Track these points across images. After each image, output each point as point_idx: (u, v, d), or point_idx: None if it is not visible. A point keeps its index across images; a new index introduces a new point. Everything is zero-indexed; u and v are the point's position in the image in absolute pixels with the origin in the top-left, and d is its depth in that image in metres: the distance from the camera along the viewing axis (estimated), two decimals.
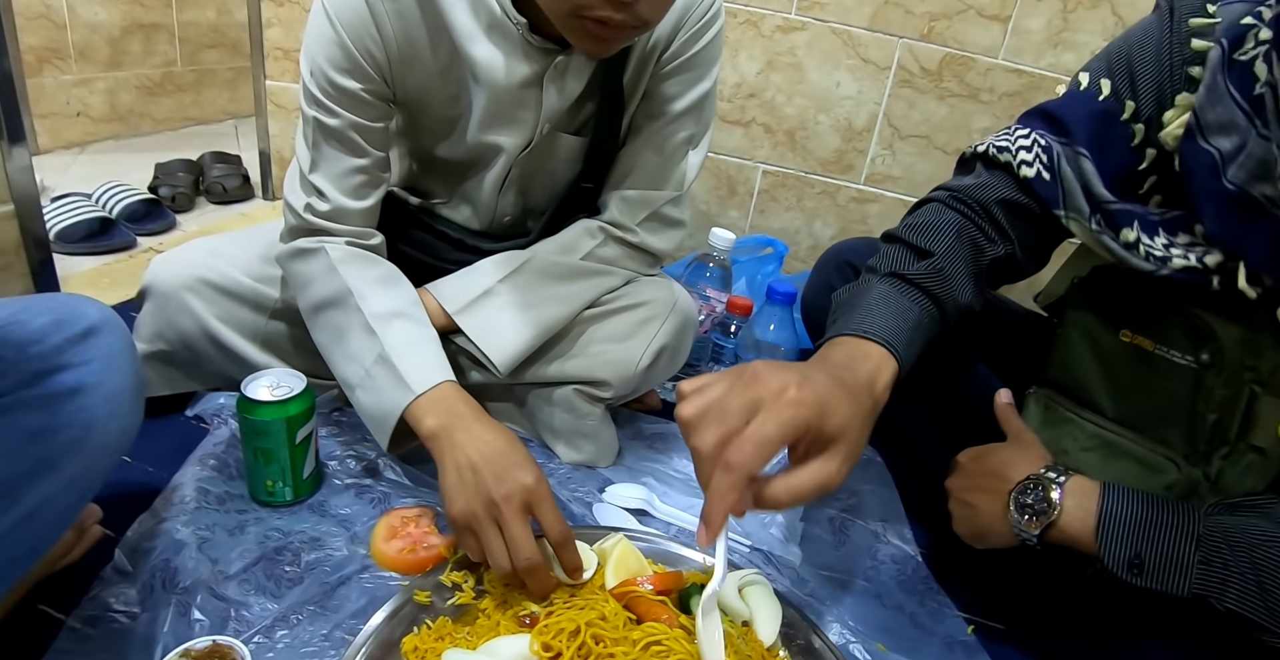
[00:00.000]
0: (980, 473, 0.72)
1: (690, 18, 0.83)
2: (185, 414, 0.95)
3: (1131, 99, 0.70)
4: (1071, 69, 1.43)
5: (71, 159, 2.03)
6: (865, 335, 0.64)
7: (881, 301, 0.68)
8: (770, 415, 0.51)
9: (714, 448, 0.51)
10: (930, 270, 0.71)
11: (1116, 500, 0.63)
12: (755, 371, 0.54)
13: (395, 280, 0.84)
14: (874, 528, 0.94)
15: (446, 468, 0.70)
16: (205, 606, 0.67)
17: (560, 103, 0.83)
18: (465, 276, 0.90)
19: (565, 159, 0.91)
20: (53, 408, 0.53)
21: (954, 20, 1.44)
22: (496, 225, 0.97)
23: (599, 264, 0.92)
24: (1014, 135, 0.75)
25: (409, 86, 0.82)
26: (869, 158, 1.57)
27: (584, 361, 0.91)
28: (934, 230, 0.74)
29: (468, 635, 0.65)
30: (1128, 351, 0.74)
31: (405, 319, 0.80)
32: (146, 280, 0.90)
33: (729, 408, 0.52)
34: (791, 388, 0.52)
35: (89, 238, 1.44)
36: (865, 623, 0.78)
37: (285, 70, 1.69)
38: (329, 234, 0.83)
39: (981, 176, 0.77)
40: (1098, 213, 0.70)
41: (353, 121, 0.80)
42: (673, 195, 0.92)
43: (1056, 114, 0.73)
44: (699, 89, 0.87)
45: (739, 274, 1.38)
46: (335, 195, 0.82)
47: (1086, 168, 0.71)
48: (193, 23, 2.41)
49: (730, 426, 0.51)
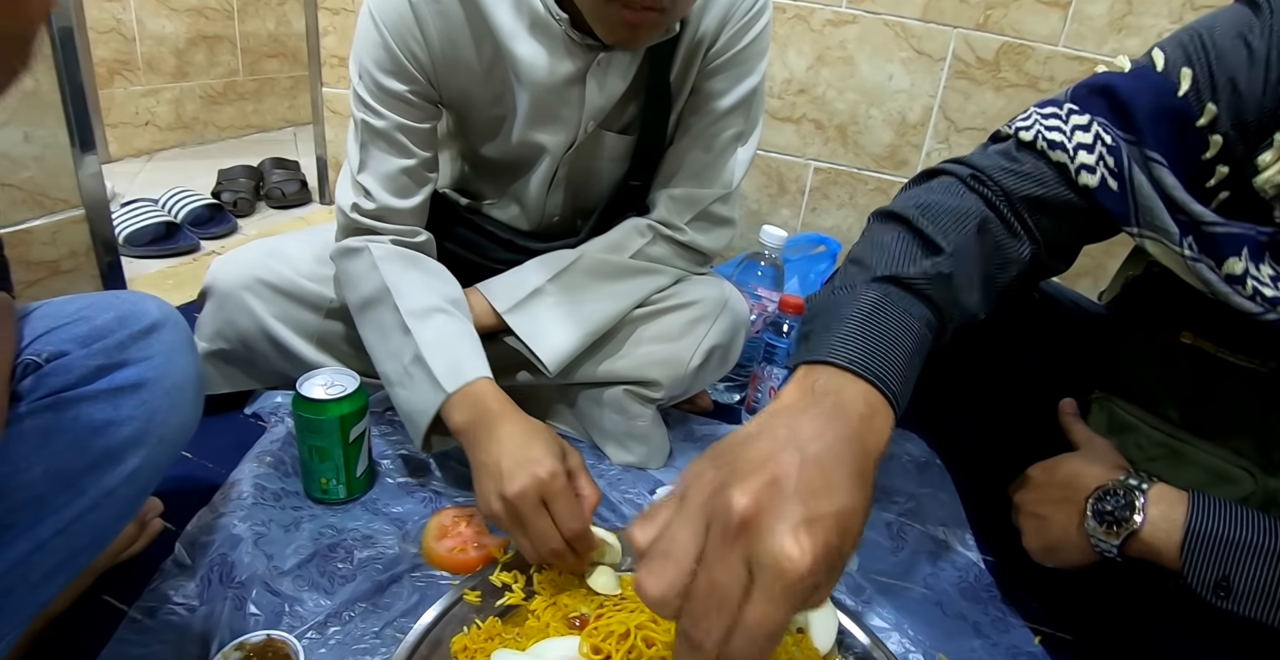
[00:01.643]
0: (1052, 484, 0.67)
1: (736, 12, 0.82)
2: (243, 412, 0.97)
3: (1213, 102, 0.57)
4: (1136, 54, 1.36)
5: (140, 166, 2.10)
6: (860, 373, 0.48)
7: (873, 316, 0.53)
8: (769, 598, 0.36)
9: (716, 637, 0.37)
10: (935, 274, 0.56)
11: (1205, 514, 0.58)
12: (734, 508, 0.38)
13: (435, 277, 0.85)
14: (934, 533, 0.90)
15: (475, 468, 0.71)
16: (260, 601, 0.68)
17: (603, 100, 0.82)
18: (515, 276, 0.90)
19: (612, 158, 0.90)
20: (116, 402, 0.54)
21: (1010, 8, 1.39)
22: (545, 225, 0.97)
23: (648, 263, 0.91)
24: (1069, 123, 0.61)
25: (454, 87, 0.83)
26: (924, 152, 1.53)
27: (634, 361, 0.90)
28: (951, 217, 0.59)
29: (517, 636, 0.64)
30: (1189, 355, 0.69)
31: (441, 314, 0.80)
32: (207, 281, 0.92)
33: (718, 582, 0.37)
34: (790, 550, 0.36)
35: (155, 241, 1.49)
36: (925, 631, 0.75)
37: (341, 77, 1.73)
38: (375, 233, 0.84)
39: (1019, 163, 0.63)
40: (1191, 234, 0.58)
41: (399, 123, 0.81)
42: (721, 193, 0.90)
43: (1123, 98, 0.59)
44: (746, 84, 0.86)
45: (791, 273, 1.35)
46: (381, 194, 0.83)
47: (1165, 178, 0.58)
48: (253, 33, 2.48)
49: (729, 615, 0.37)
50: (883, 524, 0.91)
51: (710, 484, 0.40)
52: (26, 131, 1.07)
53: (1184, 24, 1.30)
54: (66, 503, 0.52)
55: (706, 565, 0.38)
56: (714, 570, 0.38)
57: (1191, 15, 1.33)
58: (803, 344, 0.55)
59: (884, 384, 0.48)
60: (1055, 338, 0.86)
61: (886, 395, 0.47)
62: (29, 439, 0.50)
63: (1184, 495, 0.59)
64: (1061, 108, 0.62)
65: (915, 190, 0.65)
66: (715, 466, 0.41)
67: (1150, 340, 0.73)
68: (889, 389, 0.48)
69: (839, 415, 0.44)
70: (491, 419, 0.72)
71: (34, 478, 0.50)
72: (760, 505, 0.38)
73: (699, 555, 0.38)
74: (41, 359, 0.52)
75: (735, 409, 1.14)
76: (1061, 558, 0.66)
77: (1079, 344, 0.85)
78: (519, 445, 0.69)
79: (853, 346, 0.49)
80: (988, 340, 0.76)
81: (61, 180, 1.13)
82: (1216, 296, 0.58)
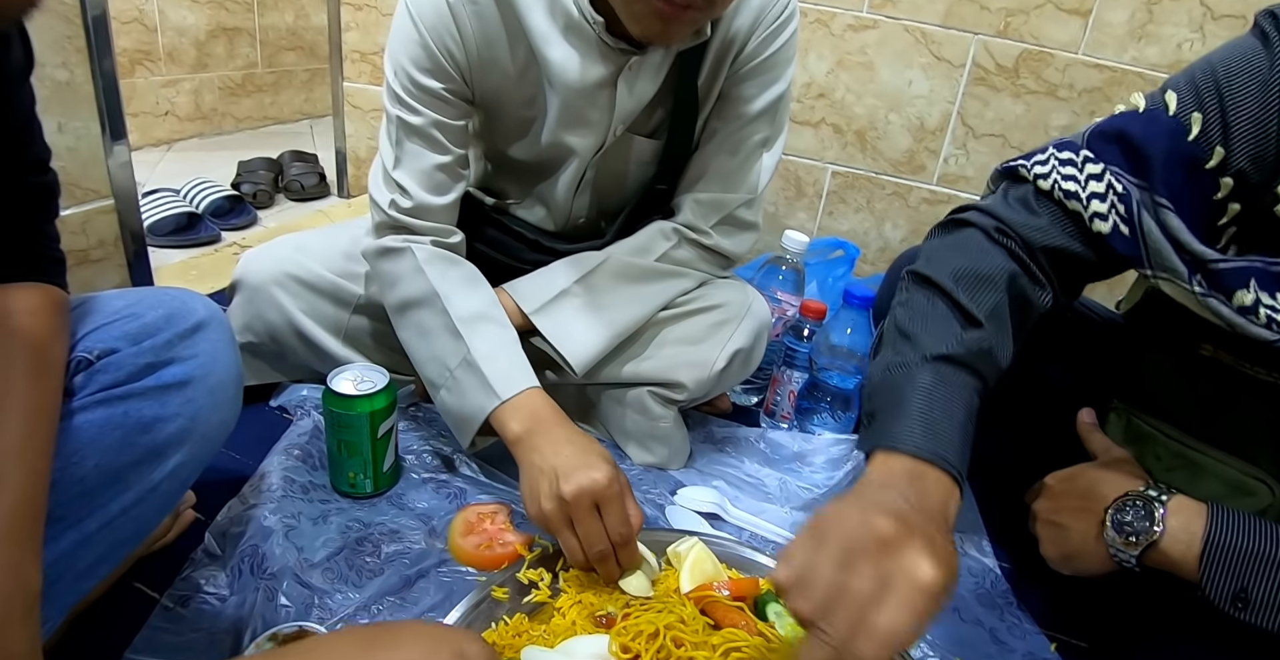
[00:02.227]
0: (1070, 493, 0.68)
1: (766, 18, 0.83)
2: (269, 404, 0.98)
3: (1222, 145, 0.60)
4: (1155, 63, 1.38)
5: (160, 156, 2.12)
6: (928, 459, 0.55)
7: (930, 397, 0.59)
8: (904, 606, 0.44)
9: (844, 635, 0.44)
10: (978, 349, 0.62)
11: (1224, 526, 0.58)
12: (881, 537, 0.46)
13: (477, 282, 0.86)
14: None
15: (526, 470, 0.72)
16: (291, 593, 0.69)
17: (633, 104, 0.83)
18: (541, 277, 0.91)
19: (639, 161, 0.91)
20: (162, 399, 0.55)
21: (1031, 15, 1.40)
22: (570, 226, 0.98)
23: (673, 266, 0.92)
24: (1083, 172, 0.65)
25: (487, 87, 0.84)
26: (941, 158, 1.53)
27: (659, 363, 0.91)
28: (984, 284, 0.64)
29: (544, 633, 0.65)
30: (1208, 366, 0.69)
31: (490, 322, 0.81)
32: (237, 274, 0.94)
33: (855, 589, 0.45)
34: (926, 567, 0.45)
35: (177, 231, 1.50)
36: (942, 637, 0.76)
37: (362, 72, 1.74)
38: (413, 232, 0.85)
39: (1038, 215, 0.67)
40: (1199, 273, 0.61)
41: (434, 119, 0.82)
42: (746, 198, 0.91)
43: (1136, 144, 0.62)
44: (774, 91, 0.87)
45: (809, 277, 1.36)
46: (418, 192, 0.83)
47: (1172, 222, 0.61)
48: (272, 26, 2.49)
49: (859, 613, 0.44)
50: None
51: (849, 522, 0.47)
52: (60, 122, 1.08)
53: (1204, 34, 1.33)
54: (113, 497, 0.54)
55: (848, 575, 0.45)
56: (854, 580, 0.45)
57: (1212, 26, 1.34)
58: (870, 423, 0.61)
59: (950, 465, 0.55)
60: (1075, 347, 0.87)
61: (952, 474, 0.55)
62: (82, 434, 0.51)
63: (1203, 507, 0.60)
64: (1078, 154, 0.66)
65: (945, 251, 0.68)
66: (839, 512, 0.48)
67: (1169, 351, 0.73)
68: (954, 469, 0.55)
69: (923, 490, 0.53)
70: (550, 426, 0.74)
71: (85, 472, 0.51)
72: (900, 529, 0.46)
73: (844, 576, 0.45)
74: (93, 356, 0.53)
75: (754, 412, 1.15)
76: (1079, 566, 0.67)
77: (1098, 354, 0.86)
78: (577, 452, 0.70)
79: (919, 432, 0.56)
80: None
81: (92, 171, 1.14)
82: (1233, 328, 0.60)
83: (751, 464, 1.00)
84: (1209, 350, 0.70)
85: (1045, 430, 0.83)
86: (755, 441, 1.04)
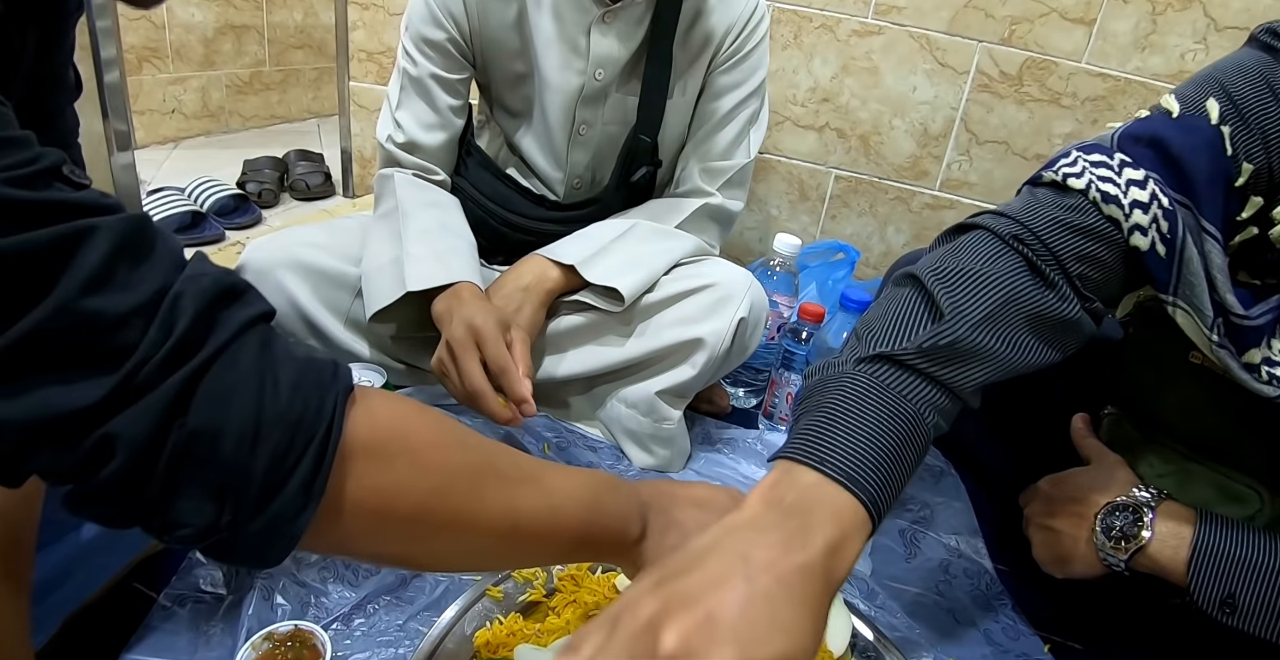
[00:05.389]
0: (1062, 497, 0.69)
1: (738, 23, 0.98)
2: None
3: (1248, 160, 0.55)
4: (1159, 73, 1.38)
5: (166, 154, 2.13)
6: (840, 480, 0.44)
7: (858, 406, 0.49)
8: None
9: None
10: (931, 346, 0.52)
11: (1212, 532, 0.59)
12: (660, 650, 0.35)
13: (441, 204, 0.98)
14: (946, 540, 0.92)
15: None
16: (287, 592, 0.69)
17: (606, 49, 0.95)
18: (579, 239, 0.98)
19: (626, 122, 1.01)
20: None
21: (1036, 23, 1.40)
22: (570, 192, 1.06)
23: (693, 228, 1.03)
24: (1121, 176, 0.57)
25: (484, 40, 0.96)
26: (944, 163, 1.53)
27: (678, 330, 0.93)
28: (969, 280, 0.55)
29: (538, 632, 0.66)
30: (1197, 374, 0.69)
31: (432, 234, 0.92)
32: (242, 260, 0.95)
33: None
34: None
35: (181, 230, 1.51)
36: (938, 638, 0.76)
37: (368, 72, 1.74)
38: (401, 165, 0.99)
39: (1067, 216, 0.59)
40: (1221, 319, 0.57)
41: (431, 72, 0.96)
42: (744, 161, 1.04)
43: (1177, 155, 0.56)
44: (757, 76, 1.03)
45: (809, 279, 1.36)
46: (412, 129, 0.98)
47: (1215, 257, 0.55)
48: (280, 24, 2.50)
49: None
50: (896, 531, 0.92)
51: (645, 615, 0.36)
52: None
53: (1207, 45, 1.33)
54: None
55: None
56: None
57: (1215, 37, 1.34)
58: (794, 425, 0.51)
59: (864, 493, 0.44)
60: (1071, 354, 0.87)
61: (866, 505, 0.44)
62: None
63: (1192, 513, 0.61)
64: (1112, 157, 0.59)
65: (940, 251, 0.61)
66: (654, 591, 0.38)
67: (1160, 358, 0.73)
68: (868, 498, 0.44)
69: (802, 544, 0.40)
70: (462, 300, 0.83)
71: None
72: (689, 648, 0.34)
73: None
74: None
75: (752, 414, 1.15)
76: (1070, 569, 0.67)
77: (1091, 360, 0.86)
78: (479, 310, 0.80)
79: (835, 444, 0.46)
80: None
81: (94, 172, 1.15)
82: (1235, 380, 0.59)
83: (749, 466, 1.01)
84: (1199, 358, 0.70)
85: (1040, 435, 0.84)
86: (753, 443, 1.05)
